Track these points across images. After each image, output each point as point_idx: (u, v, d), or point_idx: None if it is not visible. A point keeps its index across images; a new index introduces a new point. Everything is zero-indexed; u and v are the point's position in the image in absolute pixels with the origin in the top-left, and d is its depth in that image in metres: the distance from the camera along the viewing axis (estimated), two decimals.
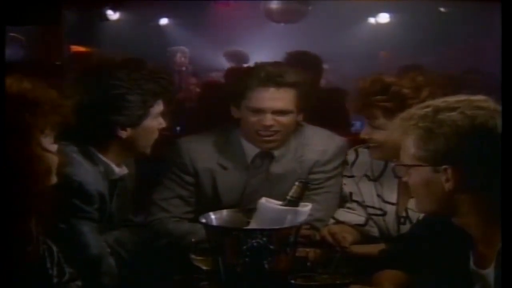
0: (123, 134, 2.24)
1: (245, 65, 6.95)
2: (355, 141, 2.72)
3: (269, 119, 2.51)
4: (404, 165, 1.73)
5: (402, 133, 1.72)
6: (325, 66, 7.33)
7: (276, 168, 2.61)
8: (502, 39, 1.73)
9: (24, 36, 5.64)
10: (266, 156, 2.63)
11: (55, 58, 5.36)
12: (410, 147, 1.69)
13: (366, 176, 2.58)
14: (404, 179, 1.77)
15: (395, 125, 1.76)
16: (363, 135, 2.47)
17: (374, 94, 2.38)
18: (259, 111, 2.52)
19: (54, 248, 1.79)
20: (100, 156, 2.26)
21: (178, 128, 4.69)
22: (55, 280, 1.77)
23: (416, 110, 1.71)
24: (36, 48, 5.61)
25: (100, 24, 8.17)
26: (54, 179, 1.70)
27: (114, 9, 8.28)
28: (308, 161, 2.61)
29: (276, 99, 2.51)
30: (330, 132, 2.71)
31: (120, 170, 2.31)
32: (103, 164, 2.25)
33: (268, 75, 2.52)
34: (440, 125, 1.63)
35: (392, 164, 1.83)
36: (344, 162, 2.65)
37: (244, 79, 2.57)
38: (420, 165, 1.68)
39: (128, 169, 2.37)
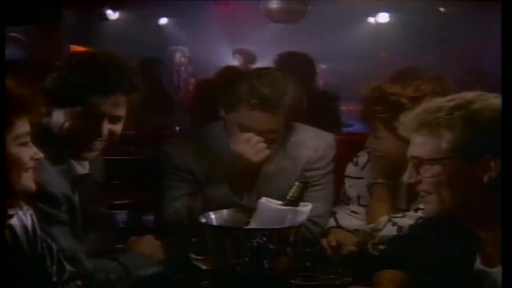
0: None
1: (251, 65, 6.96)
2: (355, 141, 2.71)
3: None
4: (432, 159, 1.64)
5: (417, 128, 1.67)
6: (324, 66, 7.39)
7: (270, 167, 2.56)
8: (502, 39, 1.73)
9: (24, 36, 5.65)
10: None
11: (55, 58, 5.36)
12: (441, 141, 1.63)
13: None
14: (418, 178, 1.71)
15: (409, 120, 1.71)
16: (368, 144, 2.47)
17: (373, 103, 2.32)
18: None
19: (54, 246, 1.79)
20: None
21: (177, 128, 4.69)
22: (54, 278, 1.77)
23: (443, 103, 1.66)
24: (36, 48, 5.61)
25: (100, 24, 8.18)
26: (31, 185, 1.65)
27: (114, 9, 8.29)
28: (301, 159, 2.60)
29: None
30: (318, 130, 2.70)
31: (81, 169, 2.18)
32: (65, 162, 2.13)
33: None
34: (481, 112, 1.58)
35: (414, 161, 1.65)
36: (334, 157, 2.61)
37: None
38: (450, 158, 1.62)
39: (91, 169, 2.23)
